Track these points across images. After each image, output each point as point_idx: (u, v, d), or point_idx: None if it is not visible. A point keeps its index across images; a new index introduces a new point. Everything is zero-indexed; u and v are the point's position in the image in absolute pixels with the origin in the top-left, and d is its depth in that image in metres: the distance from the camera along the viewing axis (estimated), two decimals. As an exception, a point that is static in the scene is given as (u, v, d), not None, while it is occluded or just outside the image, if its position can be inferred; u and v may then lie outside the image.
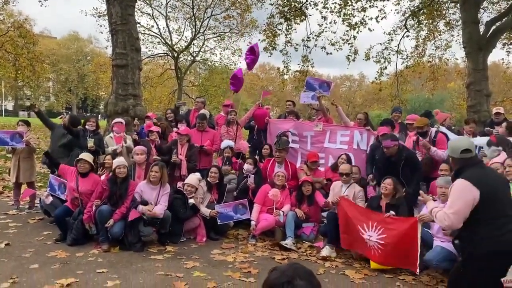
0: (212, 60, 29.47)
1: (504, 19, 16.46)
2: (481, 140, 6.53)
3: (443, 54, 22.34)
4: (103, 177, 6.29)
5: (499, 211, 3.16)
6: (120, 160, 5.87)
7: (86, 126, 7.28)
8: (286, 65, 20.57)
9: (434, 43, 22.09)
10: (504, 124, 7.27)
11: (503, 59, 21.60)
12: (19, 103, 55.09)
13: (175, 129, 8.08)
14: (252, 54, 8.47)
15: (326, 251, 5.67)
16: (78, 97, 52.48)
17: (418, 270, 4.85)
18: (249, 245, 6.09)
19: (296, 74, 21.35)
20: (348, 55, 19.75)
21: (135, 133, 8.14)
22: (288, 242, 5.93)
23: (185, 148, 7.34)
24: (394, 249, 5.06)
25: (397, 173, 5.90)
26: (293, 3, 18.82)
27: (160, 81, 29.31)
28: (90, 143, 7.02)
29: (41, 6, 18.41)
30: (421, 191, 4.12)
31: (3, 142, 7.11)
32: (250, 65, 8.69)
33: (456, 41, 21.24)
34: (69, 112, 46.59)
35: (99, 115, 49.05)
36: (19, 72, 22.02)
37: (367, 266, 5.36)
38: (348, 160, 6.82)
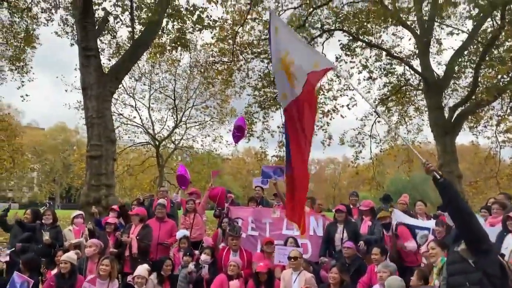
0: (194, 148, 30.21)
1: (466, 104, 17.46)
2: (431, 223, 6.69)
3: (416, 137, 23.19)
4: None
5: None
6: (66, 255, 5.83)
7: (43, 220, 7.28)
8: (263, 151, 21.09)
9: (406, 127, 23.00)
10: None
11: (472, 141, 22.39)
12: (1, 195, 54.44)
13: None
14: (239, 131, 8.95)
15: None
16: (62, 187, 52.22)
17: None
18: None
19: (274, 159, 21.80)
20: (323, 140, 20.35)
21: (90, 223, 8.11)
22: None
23: (138, 227, 7.32)
24: None
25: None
26: (268, 94, 19.79)
27: (141, 169, 29.64)
28: (46, 236, 6.99)
29: (22, 101, 19.19)
30: None
31: None
32: (236, 141, 9.16)
33: (426, 124, 22.16)
34: (51, 203, 46.03)
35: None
36: (-2, 164, 22.21)
37: None
38: (296, 244, 6.87)
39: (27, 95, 18.04)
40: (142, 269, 6.16)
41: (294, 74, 4.85)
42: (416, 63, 18.28)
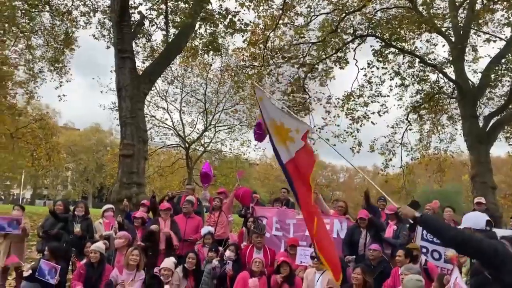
0: (223, 151, 30.63)
1: (502, 113, 16.89)
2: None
3: (448, 146, 22.51)
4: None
5: None
6: (95, 245, 6.06)
7: (75, 212, 7.56)
8: (291, 156, 20.98)
9: (438, 136, 22.37)
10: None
11: (508, 152, 21.59)
12: (37, 192, 56.55)
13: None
14: (260, 129, 9.00)
15: None
16: (94, 187, 53.78)
17: None
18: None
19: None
20: (352, 147, 19.95)
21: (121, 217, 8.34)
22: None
23: (167, 222, 7.54)
24: None
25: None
26: (297, 99, 19.74)
27: (171, 170, 30.25)
28: (77, 228, 7.24)
29: (59, 100, 20.08)
30: None
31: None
32: (259, 139, 9.20)
33: (460, 134, 21.48)
34: (84, 202, 47.45)
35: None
36: (35, 161, 23.13)
37: None
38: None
39: (64, 95, 18.80)
40: (169, 261, 6.33)
41: (293, 139, 5.17)
42: (450, 70, 17.88)
